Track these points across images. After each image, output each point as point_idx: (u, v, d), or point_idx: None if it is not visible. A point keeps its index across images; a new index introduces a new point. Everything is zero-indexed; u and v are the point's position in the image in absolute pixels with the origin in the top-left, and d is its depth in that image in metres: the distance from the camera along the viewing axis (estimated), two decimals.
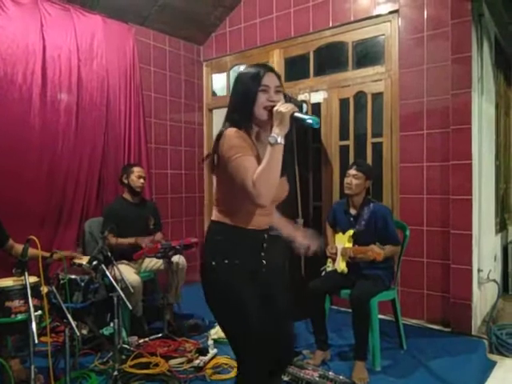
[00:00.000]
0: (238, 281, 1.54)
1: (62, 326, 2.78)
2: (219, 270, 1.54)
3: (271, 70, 1.55)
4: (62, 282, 2.34)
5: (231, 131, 1.48)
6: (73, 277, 2.41)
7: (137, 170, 3.43)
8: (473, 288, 3.14)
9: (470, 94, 3.12)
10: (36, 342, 1.75)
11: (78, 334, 2.11)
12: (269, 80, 1.51)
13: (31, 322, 1.76)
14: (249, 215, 1.54)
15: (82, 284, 2.41)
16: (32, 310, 1.77)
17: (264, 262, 1.61)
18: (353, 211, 2.89)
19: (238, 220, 1.55)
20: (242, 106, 1.52)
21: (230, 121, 1.54)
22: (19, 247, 2.60)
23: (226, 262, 1.53)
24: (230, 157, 1.43)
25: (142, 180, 3.43)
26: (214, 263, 1.54)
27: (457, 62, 3.16)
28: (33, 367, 1.86)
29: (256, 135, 1.56)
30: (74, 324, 2.01)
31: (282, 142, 1.39)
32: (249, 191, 1.38)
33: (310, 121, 1.40)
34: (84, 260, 2.56)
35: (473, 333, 3.14)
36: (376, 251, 2.56)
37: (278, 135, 1.39)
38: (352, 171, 2.85)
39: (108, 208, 3.41)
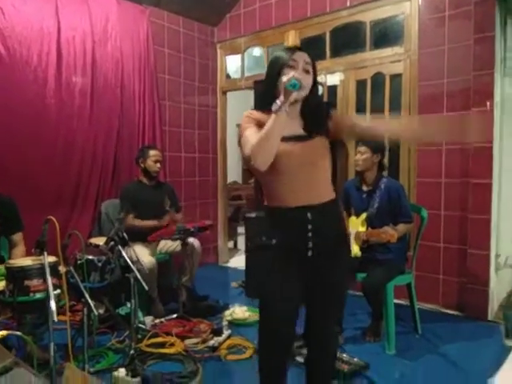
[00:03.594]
0: (267, 262, 1.58)
1: (78, 306, 2.84)
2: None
3: (301, 49, 1.57)
4: (79, 262, 2.37)
5: (244, 114, 1.57)
6: (90, 257, 2.44)
7: (153, 153, 3.41)
8: (490, 273, 3.10)
9: (493, 76, 3.02)
10: (55, 320, 1.77)
11: (96, 313, 2.14)
12: (297, 56, 1.52)
13: (50, 300, 1.78)
14: (279, 192, 1.55)
15: (100, 264, 2.44)
16: (51, 288, 1.79)
17: (310, 245, 1.54)
18: (365, 188, 2.89)
19: (272, 199, 1.58)
20: (270, 82, 1.54)
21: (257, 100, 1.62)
22: (18, 252, 2.51)
23: (264, 239, 1.57)
24: (240, 135, 1.53)
25: (158, 165, 3.43)
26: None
27: (479, 42, 3.06)
28: (52, 344, 1.89)
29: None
30: (92, 303, 2.04)
31: (282, 110, 1.38)
32: (245, 153, 1.44)
33: (287, 84, 1.38)
34: (101, 241, 2.59)
35: (489, 318, 3.10)
36: (390, 233, 2.53)
37: (279, 102, 1.38)
38: (359, 148, 2.88)
39: (124, 190, 3.43)
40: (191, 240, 3.29)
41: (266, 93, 1.56)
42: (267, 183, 1.58)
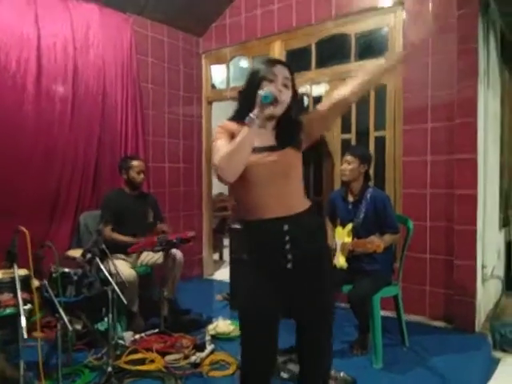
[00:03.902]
0: (245, 276, 1.55)
1: (54, 322, 2.72)
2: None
3: (282, 62, 1.53)
4: (54, 275, 2.27)
5: (218, 126, 1.53)
6: (66, 270, 2.34)
7: (136, 164, 3.33)
8: (477, 284, 3.08)
9: (476, 87, 3.04)
10: (25, 336, 1.68)
11: (71, 328, 2.04)
12: (277, 70, 1.48)
13: (20, 316, 1.69)
14: (252, 204, 1.50)
15: (75, 278, 2.34)
16: (21, 303, 1.70)
17: (289, 256, 1.48)
18: (351, 198, 2.87)
19: (246, 212, 1.52)
20: (248, 94, 1.48)
21: (234, 112, 1.55)
22: None
23: (242, 255, 1.56)
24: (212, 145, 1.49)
25: (142, 175, 3.35)
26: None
27: (463, 54, 3.08)
28: (22, 362, 1.79)
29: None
30: (66, 318, 1.94)
31: (255, 123, 1.35)
32: (213, 164, 1.39)
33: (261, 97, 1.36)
34: (79, 253, 2.49)
35: (476, 330, 3.07)
36: (376, 243, 2.50)
37: (252, 115, 1.36)
38: (346, 157, 2.85)
39: (106, 198, 3.33)
40: (174, 251, 3.20)
41: (242, 105, 1.52)
42: (240, 196, 1.53)
